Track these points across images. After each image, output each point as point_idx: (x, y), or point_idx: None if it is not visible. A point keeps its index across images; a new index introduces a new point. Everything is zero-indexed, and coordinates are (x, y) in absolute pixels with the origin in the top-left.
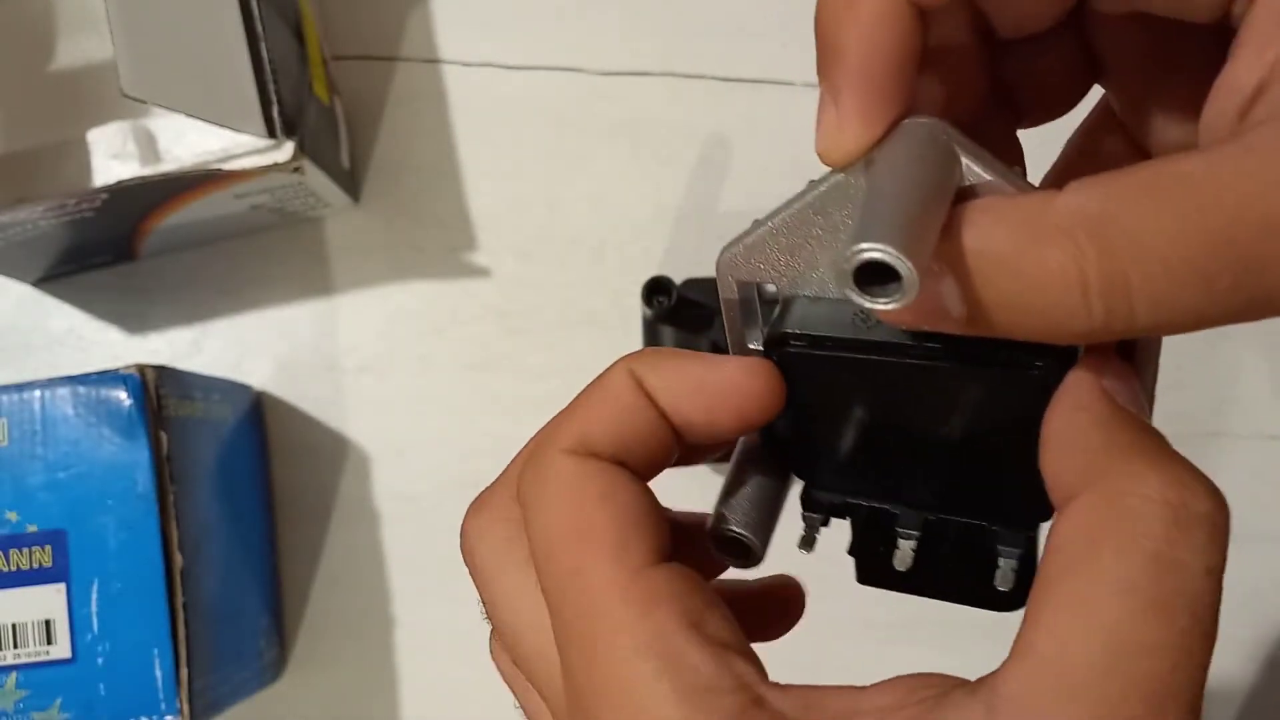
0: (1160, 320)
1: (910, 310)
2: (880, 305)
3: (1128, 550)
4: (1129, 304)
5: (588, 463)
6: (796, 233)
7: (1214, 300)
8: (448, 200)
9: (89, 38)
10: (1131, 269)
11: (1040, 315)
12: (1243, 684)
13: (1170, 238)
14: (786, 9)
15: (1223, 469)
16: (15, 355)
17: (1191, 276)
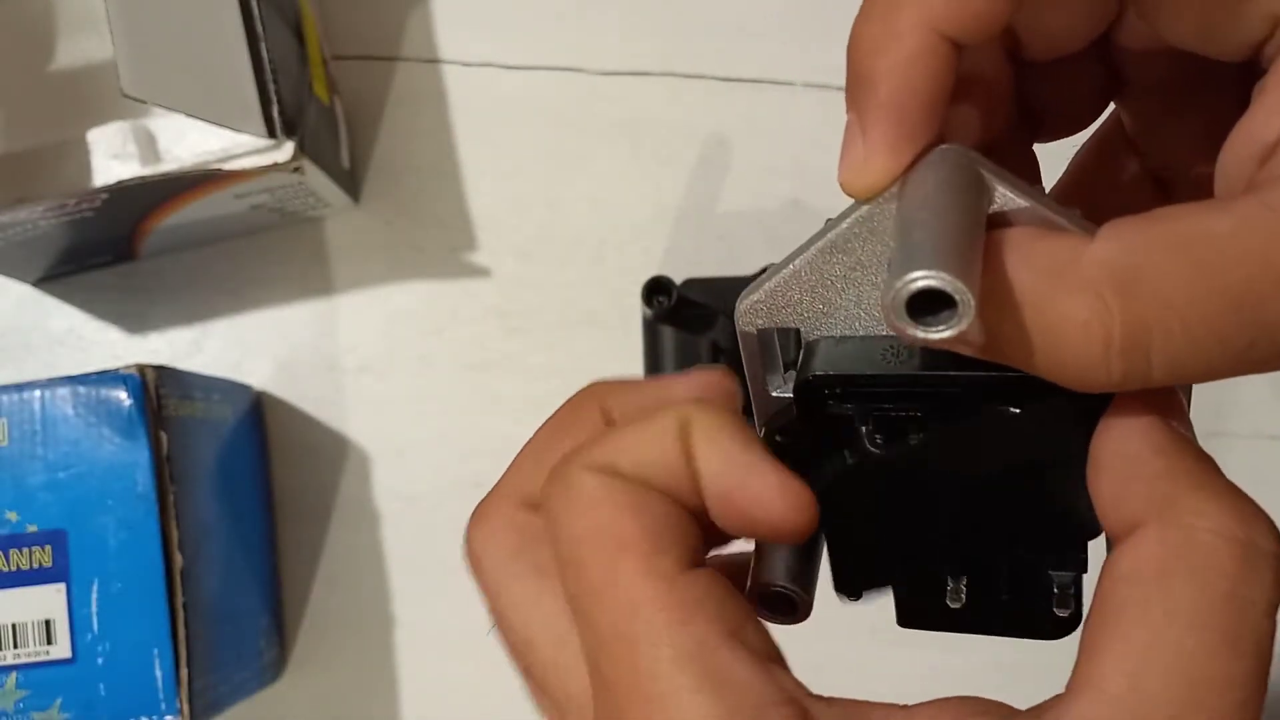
0: (1174, 377)
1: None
2: (935, 335)
3: (1202, 586)
4: (1147, 362)
5: (616, 479)
6: (819, 273)
7: (1227, 358)
8: (448, 200)
9: (89, 37)
10: (1154, 328)
11: (1058, 363)
12: None
13: (1192, 298)
14: (786, 9)
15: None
16: (15, 355)
17: (1209, 337)
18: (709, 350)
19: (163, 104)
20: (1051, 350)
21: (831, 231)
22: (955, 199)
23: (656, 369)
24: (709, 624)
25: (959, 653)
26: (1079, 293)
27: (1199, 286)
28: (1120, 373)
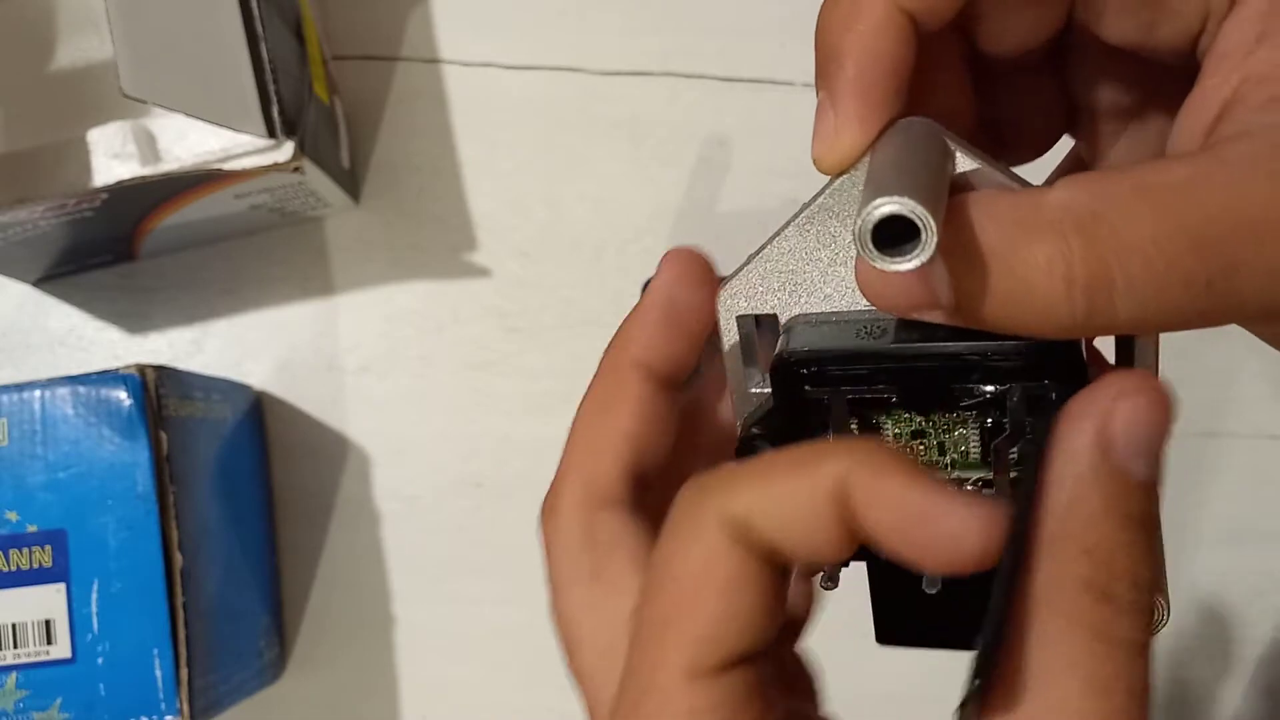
0: (1139, 316)
1: (904, 293)
2: (900, 266)
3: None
4: (1111, 300)
5: (739, 545)
6: (795, 252)
7: (1191, 298)
8: (448, 200)
9: (89, 37)
10: (1115, 266)
11: (1024, 307)
12: (1243, 683)
13: (1153, 238)
14: (786, 9)
15: (1223, 469)
16: (15, 355)
17: (1171, 275)
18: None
19: (163, 104)
20: (1017, 295)
21: (805, 209)
22: (921, 154)
23: None
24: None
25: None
26: (1041, 234)
27: (1159, 227)
28: (1084, 310)
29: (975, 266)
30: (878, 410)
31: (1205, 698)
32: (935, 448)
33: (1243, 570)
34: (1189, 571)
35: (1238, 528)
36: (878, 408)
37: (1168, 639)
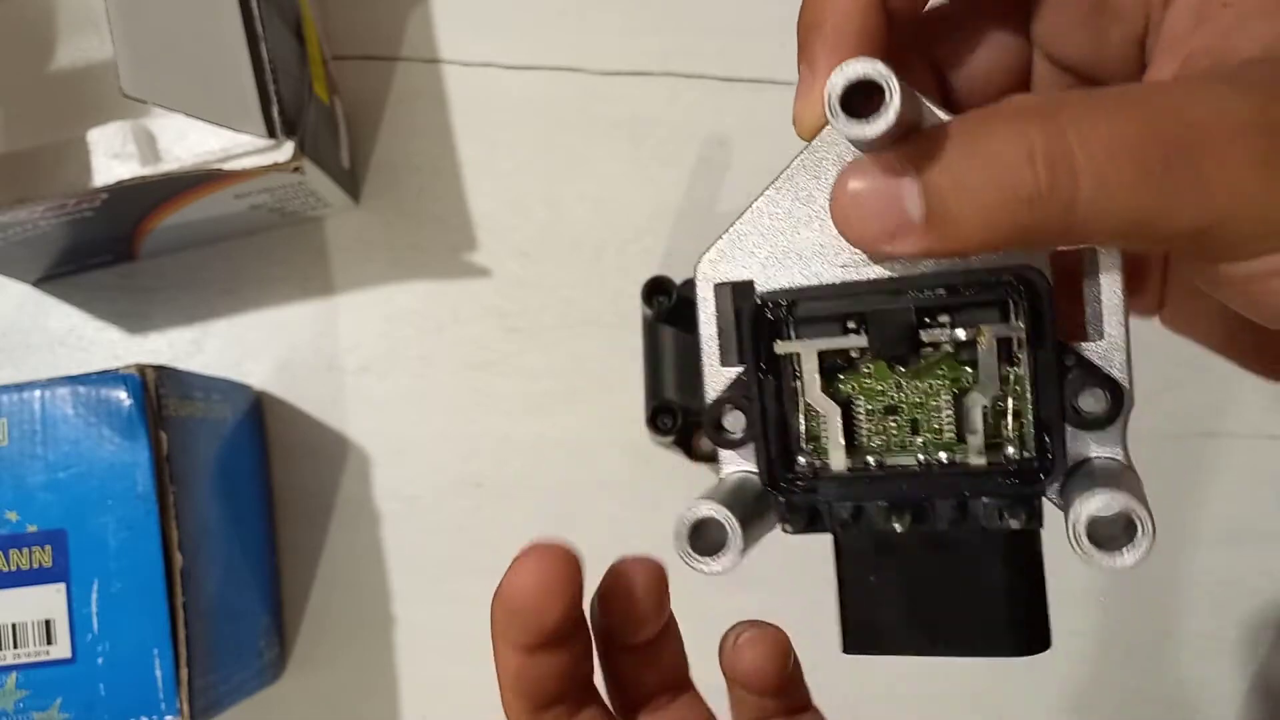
0: (1098, 194)
1: (878, 211)
2: (865, 129)
3: None
4: (1072, 175)
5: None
6: (773, 215)
7: (1148, 184)
8: (448, 200)
9: (89, 37)
10: (1075, 141)
11: (990, 188)
12: (1242, 683)
13: (1110, 125)
14: (786, 9)
15: (1223, 469)
16: (15, 355)
17: (1128, 158)
18: None
19: (162, 104)
20: (982, 177)
21: (783, 171)
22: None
23: (656, 369)
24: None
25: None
26: (1003, 119)
27: (1115, 116)
28: (1047, 181)
29: (941, 159)
30: (849, 376)
31: (1205, 698)
32: (908, 425)
33: (1242, 570)
34: (1189, 571)
35: (1238, 528)
36: (849, 371)
37: (1167, 639)
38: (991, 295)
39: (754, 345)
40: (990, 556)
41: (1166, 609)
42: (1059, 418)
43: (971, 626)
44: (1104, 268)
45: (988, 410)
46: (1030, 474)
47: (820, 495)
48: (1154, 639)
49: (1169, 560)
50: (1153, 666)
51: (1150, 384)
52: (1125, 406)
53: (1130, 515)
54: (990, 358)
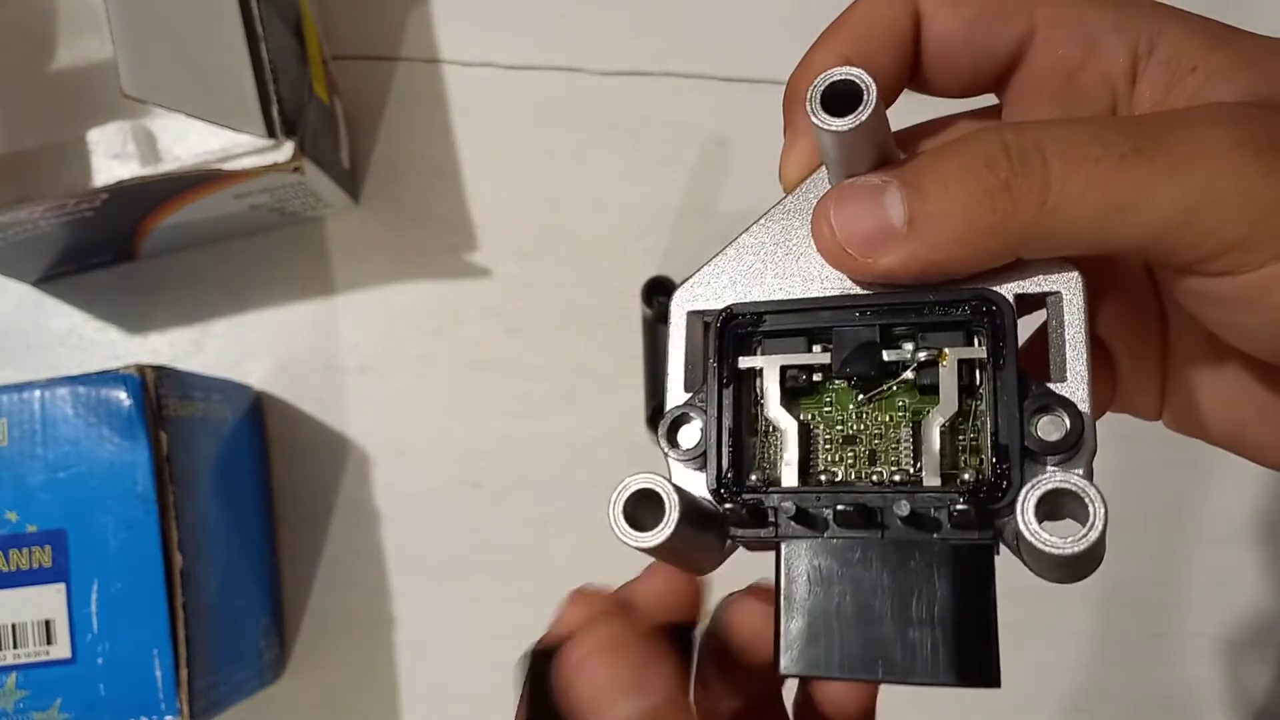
0: (1072, 182)
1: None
2: (841, 123)
3: None
4: (1043, 159)
5: None
6: (754, 250)
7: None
8: (448, 200)
9: (89, 38)
10: (1044, 136)
11: (968, 180)
12: (1242, 684)
13: (1076, 124)
14: (786, 9)
15: (1223, 469)
16: (15, 355)
17: (1095, 142)
18: None
19: (162, 104)
20: (959, 167)
21: (767, 213)
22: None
23: (656, 369)
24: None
25: None
26: (979, 132)
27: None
28: (1020, 166)
29: (923, 165)
30: (811, 400)
31: (1205, 697)
32: (866, 457)
33: (1242, 570)
34: (1188, 571)
35: (1238, 528)
36: (810, 397)
37: (1167, 639)
38: (955, 318)
39: (719, 353)
40: (939, 573)
41: (1166, 609)
42: (1017, 438)
43: (915, 652)
44: (1068, 309)
45: (946, 434)
46: (986, 494)
47: (766, 502)
48: (1154, 639)
49: (1169, 560)
50: (1153, 666)
51: None
52: (1086, 434)
53: (1080, 494)
54: (950, 378)
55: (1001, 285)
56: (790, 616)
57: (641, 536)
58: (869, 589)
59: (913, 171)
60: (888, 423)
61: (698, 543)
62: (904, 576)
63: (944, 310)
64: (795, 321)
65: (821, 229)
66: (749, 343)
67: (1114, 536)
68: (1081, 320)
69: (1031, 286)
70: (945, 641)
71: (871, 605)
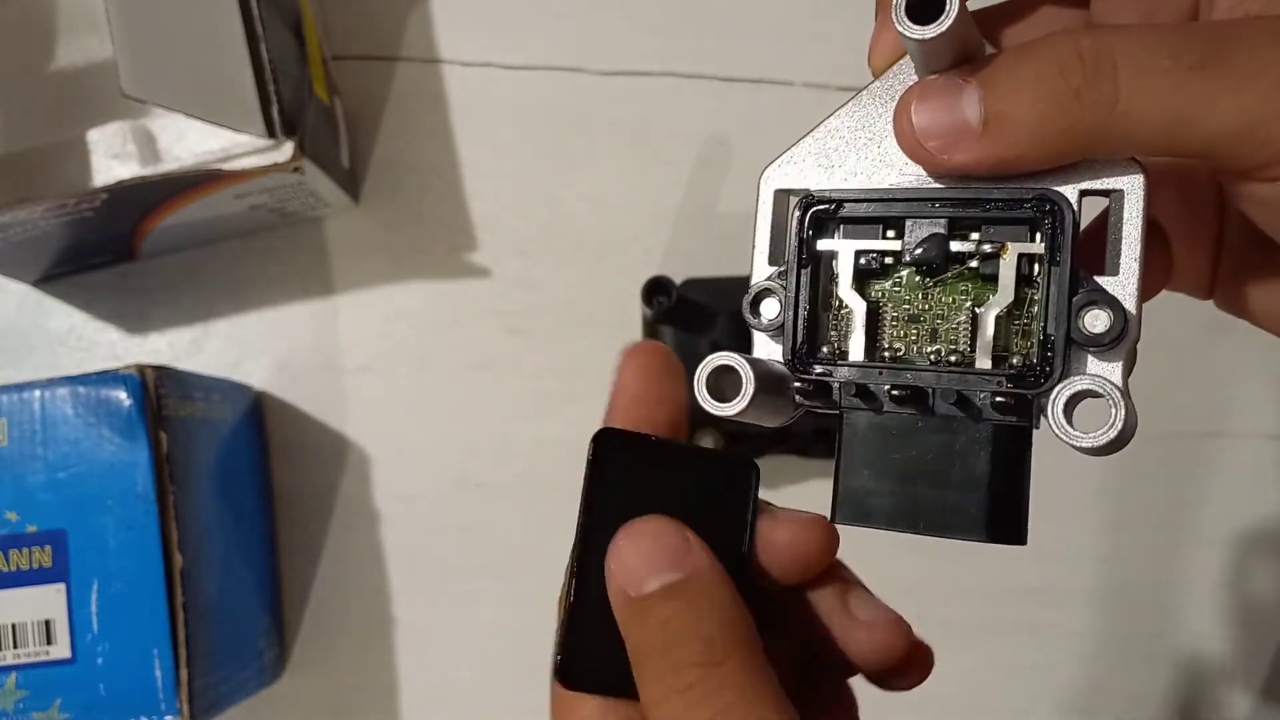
0: (1140, 89)
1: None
2: (925, 31)
3: None
4: (1113, 66)
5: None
6: (837, 134)
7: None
8: (448, 200)
9: (89, 38)
10: (1116, 42)
11: (1042, 84)
12: (1242, 683)
13: (1148, 31)
14: (786, 10)
15: (1223, 469)
16: (15, 355)
17: (1165, 51)
18: (709, 349)
19: (162, 104)
20: (1033, 71)
21: (851, 98)
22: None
23: None
24: None
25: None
26: (1054, 37)
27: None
28: (1092, 72)
29: (1000, 67)
30: (880, 281)
31: (1205, 696)
32: (927, 335)
33: (1242, 569)
34: (1189, 571)
35: (1238, 528)
36: (881, 278)
37: (1167, 639)
38: (1018, 215)
39: (799, 235)
40: (980, 448)
41: (1166, 609)
42: (1063, 331)
43: (952, 509)
44: (1128, 207)
45: (1001, 320)
46: (1029, 379)
47: (834, 377)
48: (1154, 639)
49: (1169, 560)
50: (1153, 667)
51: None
52: (1128, 330)
53: (1106, 396)
54: (1009, 270)
55: (1069, 180)
56: (846, 476)
57: (723, 406)
58: (917, 457)
59: (990, 72)
60: (950, 305)
61: (772, 406)
62: (948, 449)
63: (1008, 207)
64: (870, 210)
65: (902, 124)
66: (827, 226)
67: (1114, 536)
68: (1139, 219)
69: (1097, 183)
70: (980, 504)
71: (917, 471)
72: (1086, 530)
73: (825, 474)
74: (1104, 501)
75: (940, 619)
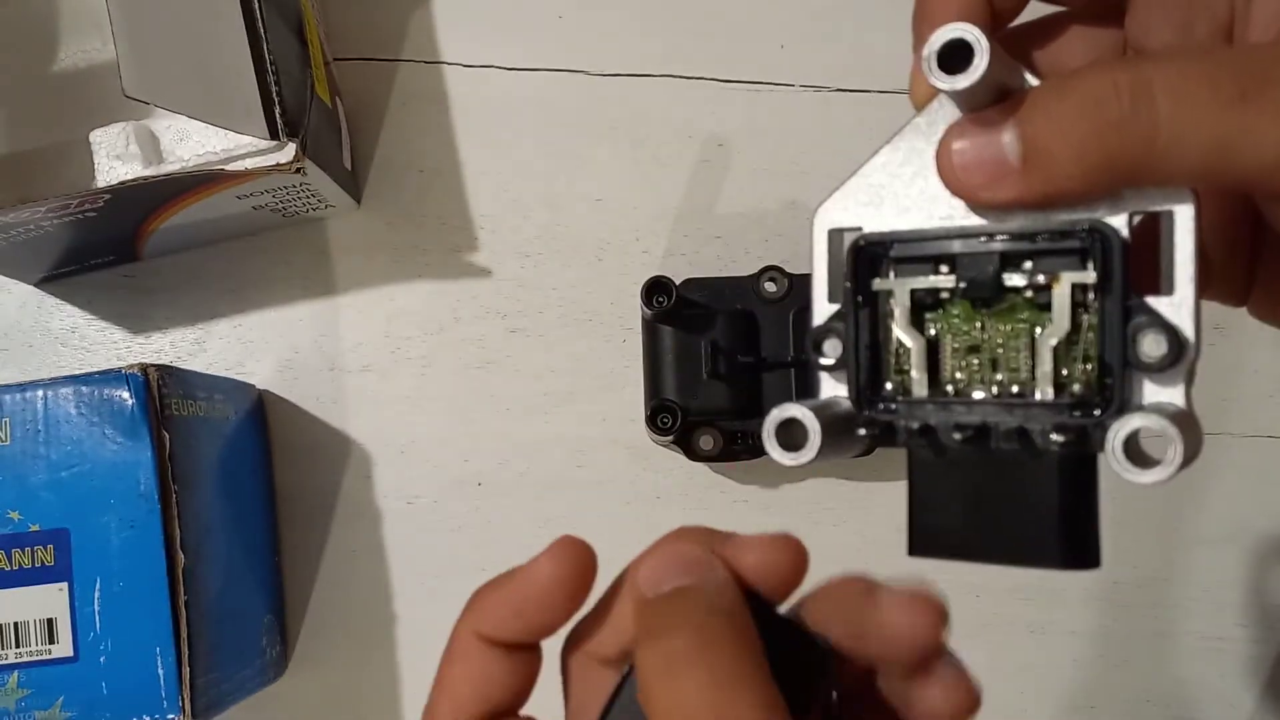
0: (1180, 121)
1: (977, 168)
2: (956, 82)
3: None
4: (1151, 98)
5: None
6: (883, 170)
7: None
8: (449, 201)
9: (91, 39)
10: (1154, 74)
11: (1080, 120)
12: (1242, 683)
13: (1187, 61)
14: (786, 11)
15: (1223, 469)
16: (18, 355)
17: (1204, 83)
18: (708, 349)
19: (164, 105)
20: (1073, 108)
21: (895, 134)
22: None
23: (656, 369)
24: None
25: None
26: (1090, 68)
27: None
28: (1130, 106)
29: (1037, 104)
30: (937, 315)
31: (1205, 698)
32: (989, 364)
33: (1242, 569)
34: (1188, 571)
35: (1238, 528)
36: (938, 311)
37: (1167, 639)
38: (1069, 245)
39: (854, 279)
40: (1046, 476)
41: (1166, 609)
42: (1120, 357)
43: (1023, 538)
44: (1179, 226)
45: (1061, 349)
46: (1090, 407)
47: (899, 415)
48: (1154, 639)
49: (1169, 560)
50: (1153, 666)
51: None
52: (1186, 353)
53: (1165, 434)
54: (1063, 300)
55: (1119, 205)
56: (918, 508)
57: (795, 456)
58: (985, 487)
59: (1029, 109)
60: (1009, 333)
61: (840, 444)
62: (1016, 480)
63: (1059, 239)
64: (922, 249)
65: (944, 163)
66: (880, 265)
67: (1113, 536)
68: (1191, 240)
69: (1147, 207)
70: (1052, 531)
71: (989, 501)
72: None
73: (821, 472)
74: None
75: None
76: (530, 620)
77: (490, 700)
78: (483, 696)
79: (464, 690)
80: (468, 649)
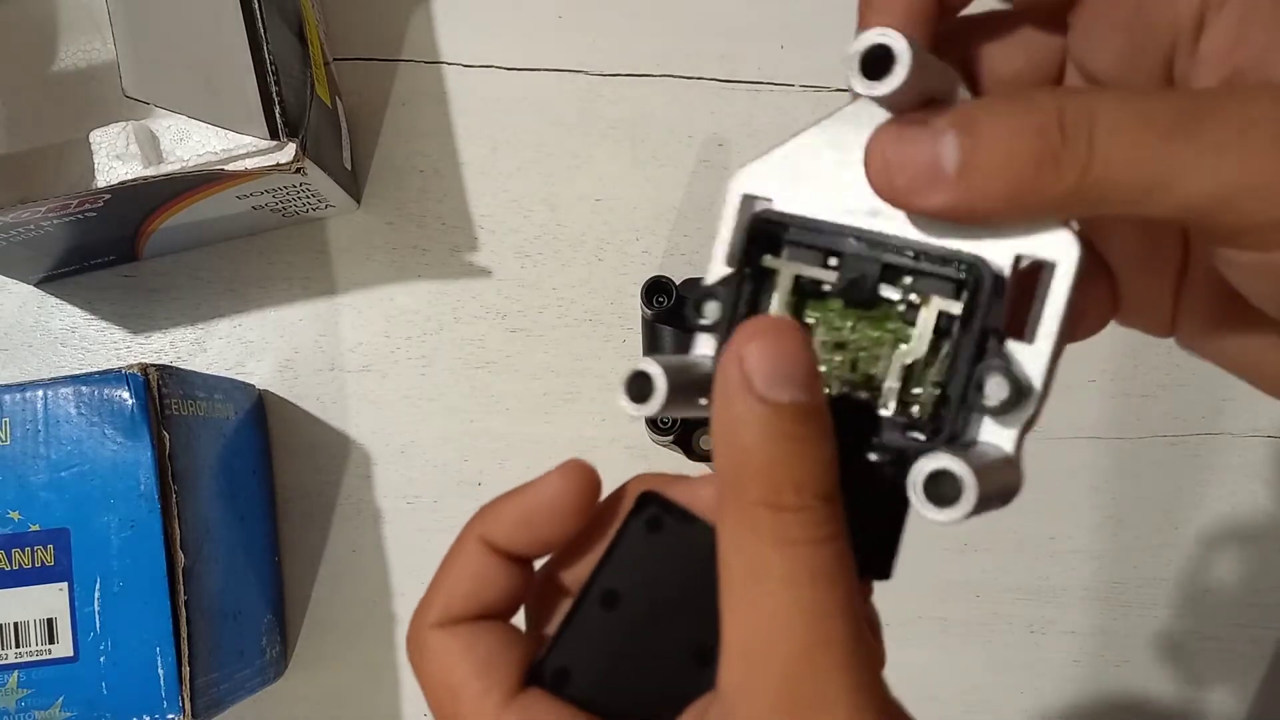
0: (1115, 150)
1: (910, 170)
2: (877, 88)
3: None
4: (1090, 127)
5: (449, 630)
6: (808, 150)
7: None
8: (449, 201)
9: (92, 39)
10: (1095, 103)
11: (1021, 140)
12: (1242, 683)
13: (1129, 96)
14: (785, 12)
15: (1222, 469)
16: (18, 355)
17: (1140, 116)
18: None
19: (165, 105)
20: (1014, 126)
21: (829, 115)
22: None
23: None
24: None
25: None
26: (1038, 93)
27: (1136, 92)
28: (1072, 133)
29: (982, 116)
30: (817, 305)
31: (1205, 695)
32: (848, 364)
33: (1242, 569)
34: (1188, 570)
35: (1238, 527)
36: (818, 302)
37: (1167, 639)
38: (948, 273)
39: (744, 252)
40: (863, 491)
41: (1165, 608)
42: (960, 393)
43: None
44: (1058, 280)
45: (917, 369)
46: (919, 430)
47: None
48: (1154, 639)
49: (1168, 560)
50: (1153, 667)
51: (1150, 384)
52: (1025, 403)
53: (958, 479)
54: (927, 324)
55: (1008, 240)
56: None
57: (640, 408)
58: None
59: (970, 121)
60: (874, 339)
61: (695, 406)
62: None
63: (940, 263)
64: (815, 239)
65: (874, 158)
66: (775, 243)
67: (1113, 536)
68: (1064, 296)
69: (1033, 252)
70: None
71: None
72: (1085, 529)
73: None
74: (1103, 500)
75: (940, 618)
76: (536, 530)
77: (482, 602)
78: (476, 596)
79: (460, 587)
80: (471, 551)
